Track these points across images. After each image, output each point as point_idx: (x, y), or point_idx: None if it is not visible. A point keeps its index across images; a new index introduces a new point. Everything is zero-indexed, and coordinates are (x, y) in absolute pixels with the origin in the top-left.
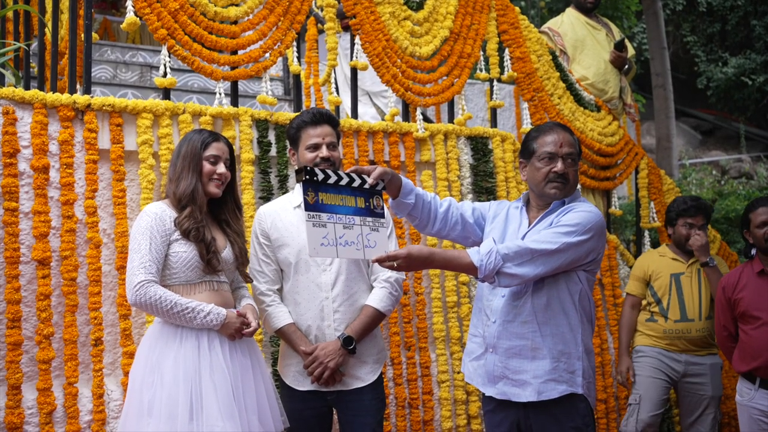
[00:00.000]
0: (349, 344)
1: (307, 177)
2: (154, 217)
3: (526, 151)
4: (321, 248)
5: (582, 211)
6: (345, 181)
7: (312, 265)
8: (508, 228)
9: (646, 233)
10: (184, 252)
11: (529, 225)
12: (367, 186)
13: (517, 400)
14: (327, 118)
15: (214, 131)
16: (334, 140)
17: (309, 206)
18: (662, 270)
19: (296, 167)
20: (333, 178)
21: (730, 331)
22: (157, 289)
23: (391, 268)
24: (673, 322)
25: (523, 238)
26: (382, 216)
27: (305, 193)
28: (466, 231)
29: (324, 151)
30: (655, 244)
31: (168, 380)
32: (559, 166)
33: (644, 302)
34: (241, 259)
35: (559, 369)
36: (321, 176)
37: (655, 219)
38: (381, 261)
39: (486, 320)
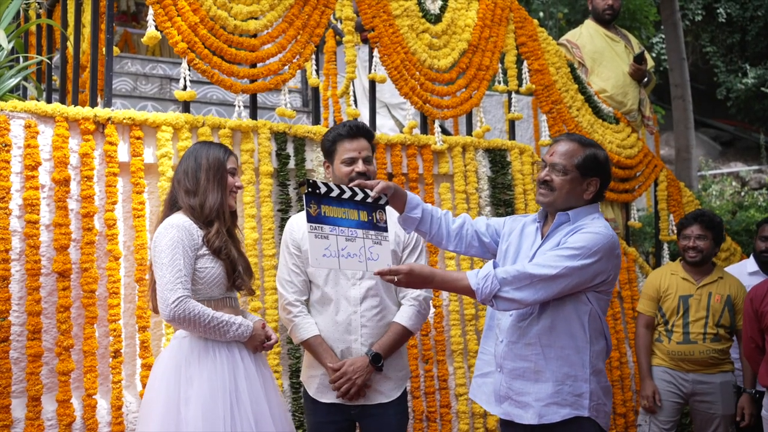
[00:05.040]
0: (377, 361)
1: (309, 190)
2: (183, 231)
3: None
4: (323, 259)
5: (589, 233)
6: (347, 194)
7: (341, 279)
8: (523, 244)
9: (665, 246)
10: (211, 268)
11: (542, 238)
12: (369, 200)
13: (519, 422)
14: (363, 132)
15: (221, 143)
16: (370, 154)
17: (311, 218)
18: (672, 290)
19: (331, 180)
20: (335, 192)
21: (757, 343)
22: (195, 305)
23: (392, 282)
24: (676, 344)
25: (534, 254)
26: (385, 230)
27: (308, 205)
28: (484, 247)
29: (360, 166)
30: (674, 257)
31: (205, 395)
32: (541, 173)
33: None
34: (248, 271)
35: (562, 392)
36: (323, 189)
37: (675, 231)
38: (383, 274)
39: (495, 339)
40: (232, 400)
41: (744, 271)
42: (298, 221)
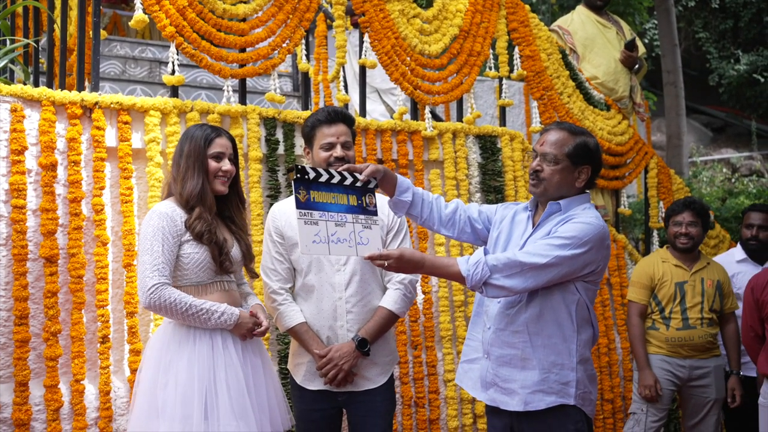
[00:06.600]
0: (364, 346)
1: (298, 175)
2: (165, 218)
3: None
4: (313, 246)
5: (580, 223)
6: (337, 179)
7: (326, 265)
8: (514, 232)
9: (655, 233)
10: (196, 253)
11: (533, 227)
12: (358, 184)
13: (505, 408)
14: (342, 117)
15: (215, 126)
16: (349, 139)
17: (300, 204)
18: (667, 277)
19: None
20: (324, 177)
21: (756, 332)
22: (171, 292)
23: (382, 266)
24: (675, 330)
25: (525, 242)
26: (375, 214)
27: (297, 191)
28: (476, 234)
29: (338, 151)
30: (664, 243)
31: (182, 381)
32: (532, 163)
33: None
34: (248, 255)
35: (549, 380)
36: (312, 174)
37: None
38: (373, 259)
39: (483, 325)
40: (209, 390)
41: (732, 259)
42: (280, 208)
